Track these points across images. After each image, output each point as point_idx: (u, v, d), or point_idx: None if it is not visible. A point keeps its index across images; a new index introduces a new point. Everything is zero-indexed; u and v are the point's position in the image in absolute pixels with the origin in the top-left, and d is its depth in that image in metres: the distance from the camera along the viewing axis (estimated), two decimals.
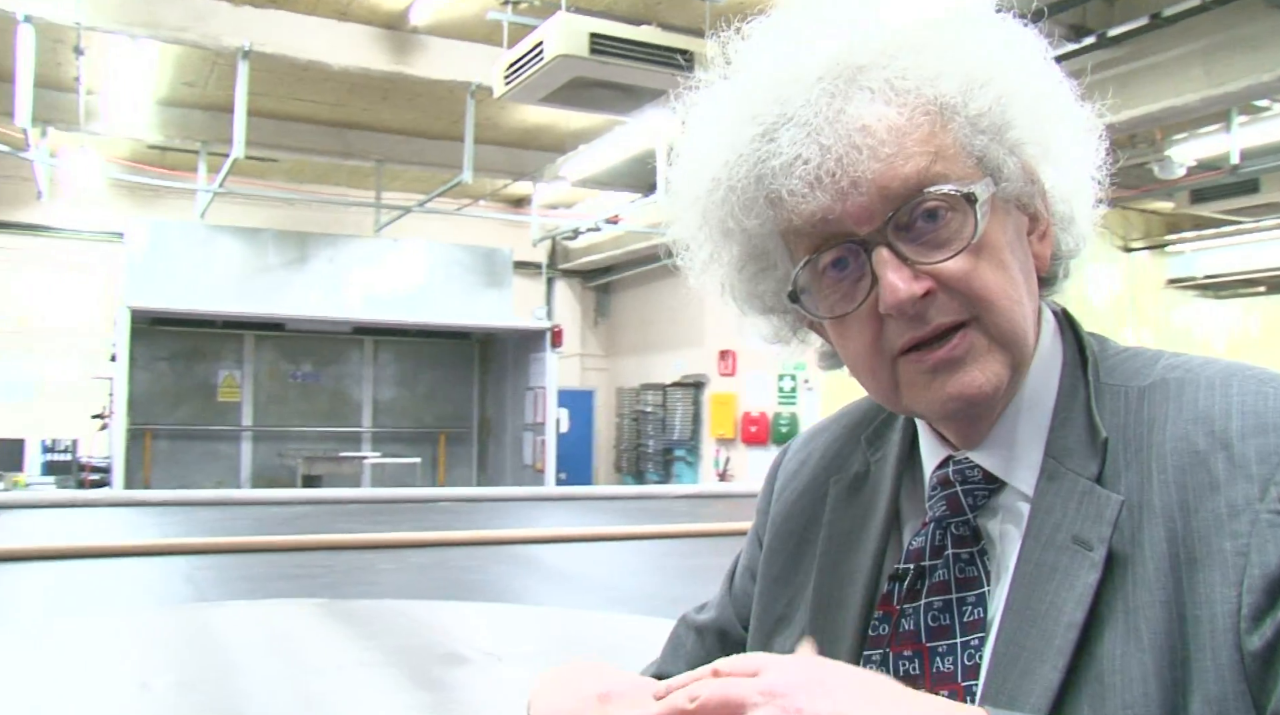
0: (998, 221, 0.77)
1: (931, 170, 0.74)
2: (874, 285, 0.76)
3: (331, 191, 12.82)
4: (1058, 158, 0.81)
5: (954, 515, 0.82)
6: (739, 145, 0.77)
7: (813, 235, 0.77)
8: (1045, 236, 0.83)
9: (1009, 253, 0.78)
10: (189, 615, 3.76)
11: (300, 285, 11.26)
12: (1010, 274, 0.77)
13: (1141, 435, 0.76)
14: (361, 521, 6.31)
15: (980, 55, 0.77)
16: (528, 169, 11.84)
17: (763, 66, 0.79)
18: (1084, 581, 0.72)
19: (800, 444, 1.03)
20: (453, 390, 13.62)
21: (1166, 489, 0.72)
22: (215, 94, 9.86)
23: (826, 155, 0.74)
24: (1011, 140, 0.77)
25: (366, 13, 7.99)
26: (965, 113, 0.76)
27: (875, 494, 0.90)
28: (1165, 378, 0.79)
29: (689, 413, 13.44)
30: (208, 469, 11.96)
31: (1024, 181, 0.79)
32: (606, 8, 7.66)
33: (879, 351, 0.78)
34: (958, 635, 0.78)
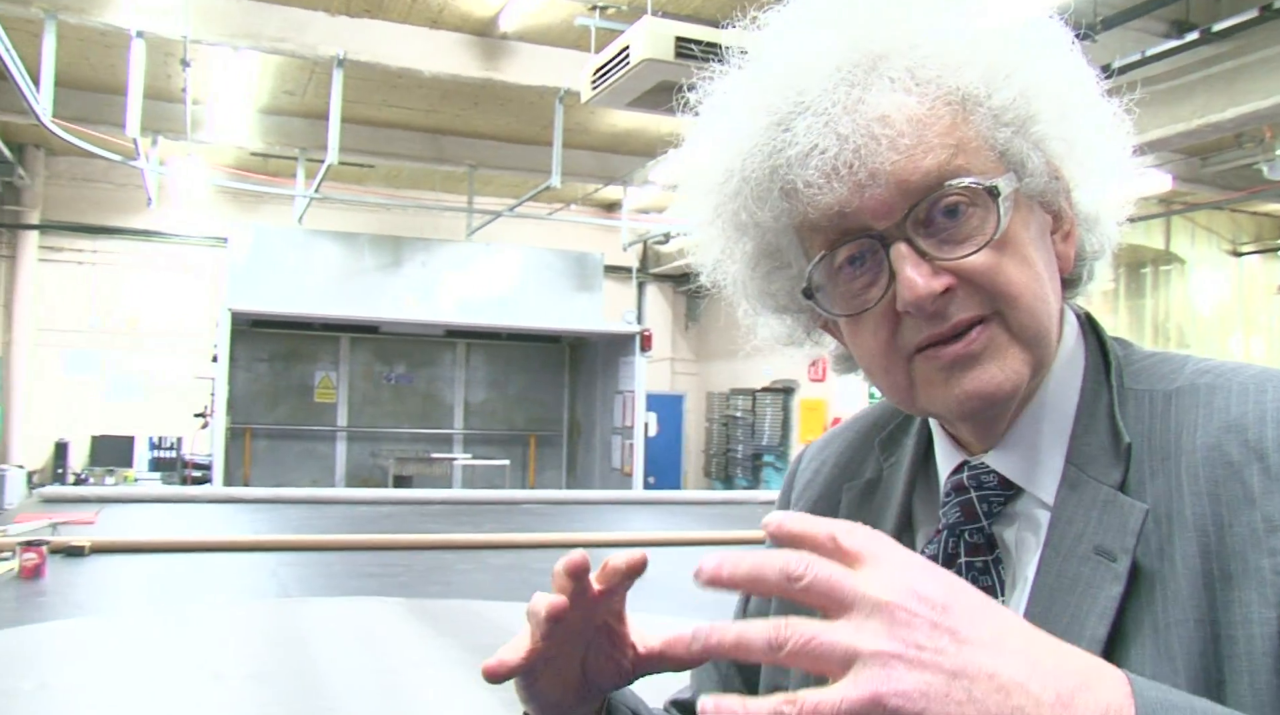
0: (1020, 217, 0.74)
1: (953, 164, 0.71)
2: (891, 282, 0.72)
3: (426, 196, 13.05)
4: (1083, 154, 0.77)
5: (968, 522, 0.78)
6: (753, 135, 0.74)
7: (829, 230, 0.74)
8: (1069, 236, 0.79)
9: (1032, 249, 0.75)
10: (268, 610, 3.85)
11: (394, 289, 11.48)
12: (1034, 270, 0.74)
13: (1169, 442, 0.72)
14: (445, 522, 6.39)
15: (1005, 45, 0.74)
16: (618, 174, 11.88)
17: (778, 54, 0.77)
18: (1107, 594, 0.68)
19: (813, 453, 0.99)
20: (543, 393, 13.74)
21: (1199, 500, 0.68)
22: (314, 102, 10.12)
23: (844, 145, 0.71)
24: (1036, 134, 0.74)
25: (457, 20, 8.11)
26: (988, 104, 0.73)
27: (888, 499, 0.87)
28: (1194, 383, 0.75)
29: (778, 418, 13.33)
30: (304, 468, 12.26)
31: (1048, 178, 0.75)
32: (694, 11, 7.65)
33: (894, 349, 0.75)
34: None
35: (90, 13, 7.44)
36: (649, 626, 0.84)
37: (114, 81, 9.08)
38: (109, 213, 12.78)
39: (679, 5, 7.59)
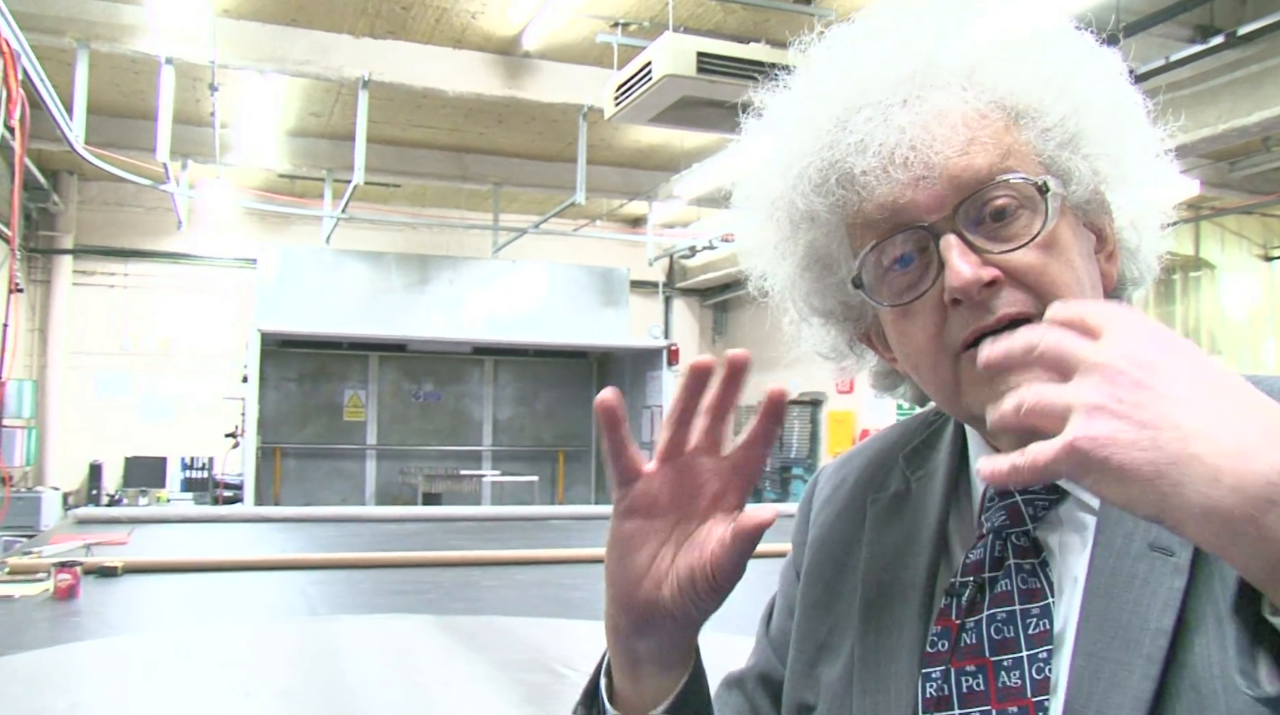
0: (1067, 226, 0.77)
1: (1003, 164, 0.75)
2: (939, 273, 0.75)
3: (451, 215, 13.15)
4: (1127, 179, 0.80)
5: (1014, 526, 0.79)
6: (814, 131, 0.79)
7: (880, 224, 0.77)
8: (1112, 257, 0.82)
9: (1078, 257, 0.77)
10: (297, 628, 3.88)
11: (421, 307, 11.55)
12: (1079, 276, 0.76)
13: None
14: (472, 539, 6.41)
15: (1058, 67, 0.78)
16: (642, 189, 11.92)
17: (840, 61, 0.81)
18: (1169, 586, 0.69)
19: (834, 469, 1.01)
20: (571, 409, 13.76)
21: None
22: (340, 123, 10.23)
23: (901, 137, 0.74)
24: (1082, 152, 0.77)
25: (480, 40, 8.18)
26: (1040, 121, 0.77)
27: (920, 511, 0.88)
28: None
29: (806, 430, 13.31)
30: (334, 486, 12.34)
31: (1092, 192, 0.78)
32: (715, 26, 7.68)
33: (941, 346, 0.77)
34: (1023, 648, 0.75)
35: (121, 41, 7.56)
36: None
37: (144, 107, 9.22)
38: (140, 236, 12.96)
39: (700, 21, 7.62)
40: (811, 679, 0.89)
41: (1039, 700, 0.73)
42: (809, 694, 0.89)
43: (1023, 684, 0.74)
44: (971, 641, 0.78)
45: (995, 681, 0.76)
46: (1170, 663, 0.67)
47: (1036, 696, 0.74)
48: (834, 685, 0.87)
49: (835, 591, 0.91)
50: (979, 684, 0.76)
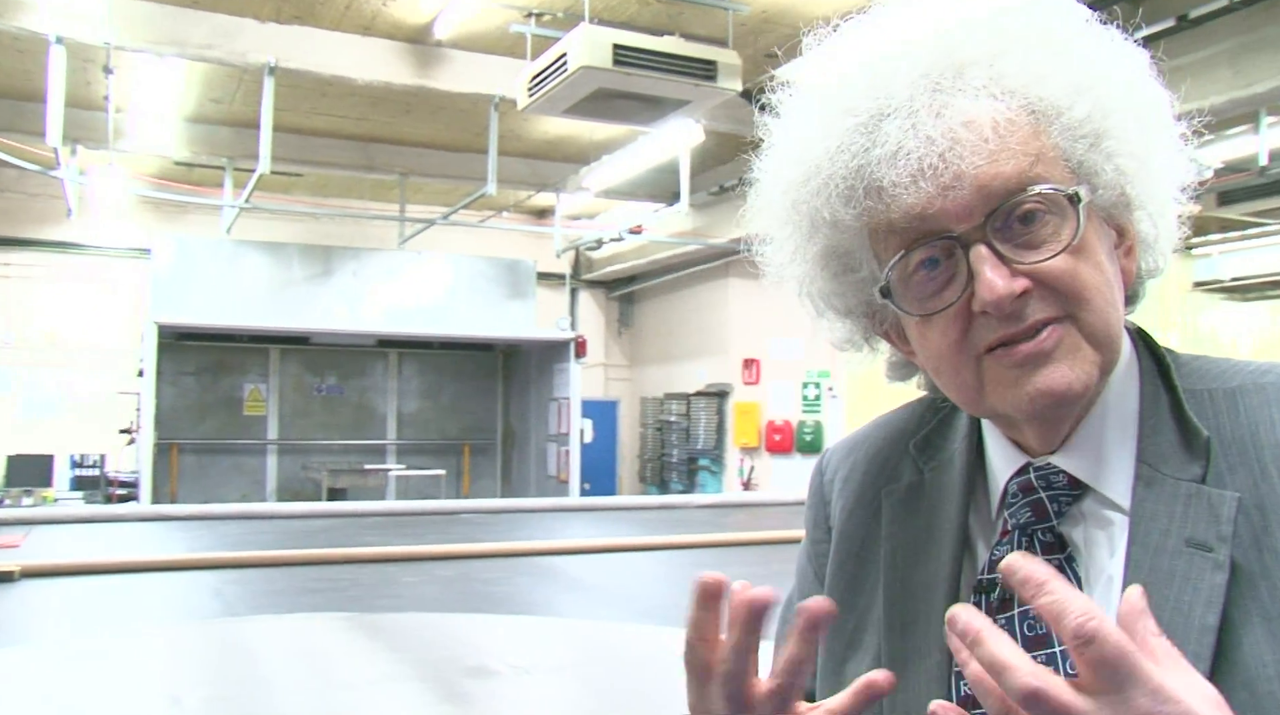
0: (1093, 228, 0.77)
1: (1032, 171, 0.74)
2: (969, 283, 0.74)
3: (355, 205, 12.90)
4: (1150, 174, 0.79)
5: (1039, 522, 0.80)
6: (839, 135, 0.77)
7: (907, 231, 0.76)
8: (1130, 252, 0.81)
9: (1104, 257, 0.77)
10: (218, 630, 3.78)
11: (324, 299, 11.32)
12: (1106, 276, 0.76)
13: (1244, 437, 0.75)
14: (385, 534, 6.32)
15: (1084, 61, 0.77)
16: (550, 180, 11.87)
17: (862, 58, 0.79)
18: (1210, 583, 0.70)
19: (840, 458, 0.99)
20: (476, 402, 13.65)
21: (1267, 485, 0.71)
22: (241, 110, 9.94)
23: (930, 148, 0.73)
24: (1107, 150, 0.76)
25: (390, 27, 8.04)
26: (1066, 117, 0.75)
27: (938, 504, 0.88)
28: (1259, 382, 0.78)
29: (713, 422, 13.41)
30: (233, 482, 12.02)
31: (1117, 193, 0.78)
32: (629, 19, 7.68)
33: (964, 349, 0.77)
34: (1056, 644, 0.75)
35: (6, 16, 7.22)
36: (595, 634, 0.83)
37: (29, 88, 8.83)
38: (24, 224, 12.39)
39: (614, 13, 7.61)
40: (840, 676, 0.88)
41: None
42: (838, 691, 0.89)
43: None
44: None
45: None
46: (1218, 660, 0.68)
47: None
48: None
49: (858, 587, 0.90)
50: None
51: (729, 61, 6.91)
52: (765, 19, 7.78)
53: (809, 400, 12.88)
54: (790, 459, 12.81)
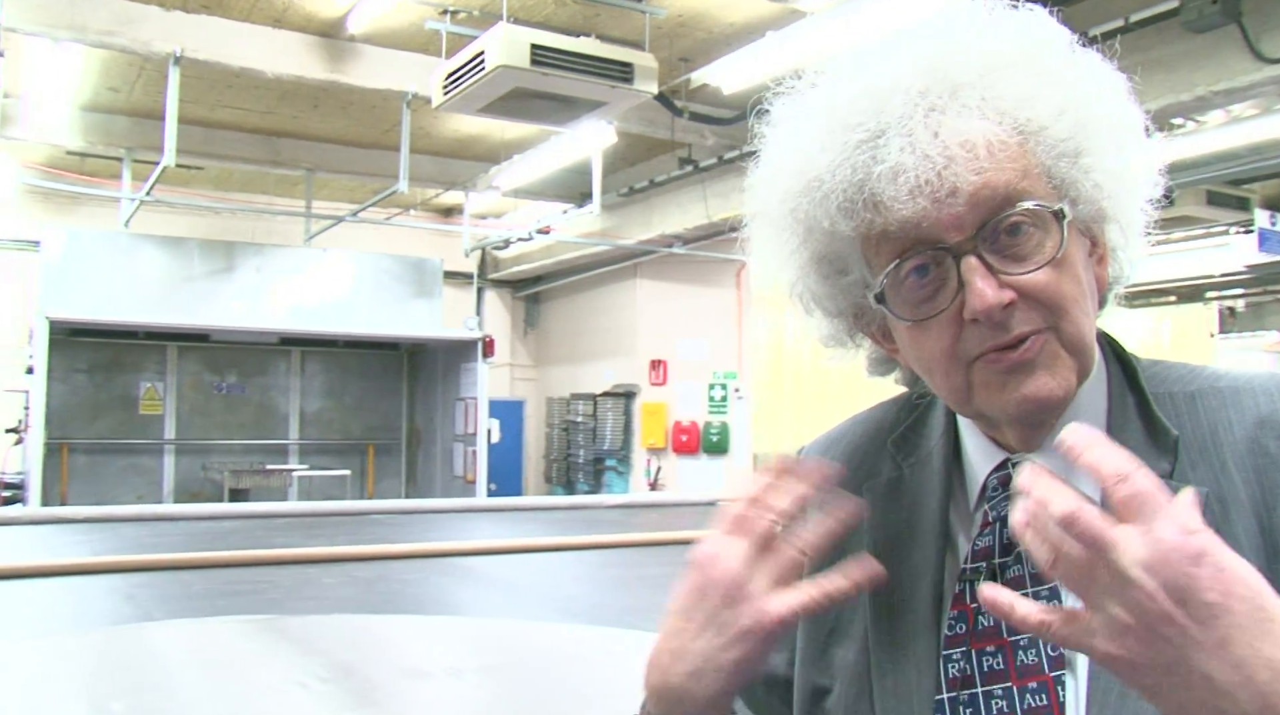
0: (1073, 240, 0.82)
1: (1019, 186, 0.79)
2: (959, 291, 0.79)
3: (259, 200, 12.60)
4: (1122, 188, 0.85)
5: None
6: (841, 151, 0.81)
7: (900, 240, 0.80)
8: (1103, 261, 0.87)
9: (1081, 269, 0.82)
10: (137, 635, 3.68)
11: (226, 295, 11.05)
12: (1082, 287, 0.82)
13: (1204, 436, 0.82)
14: (297, 535, 6.21)
15: (1066, 82, 0.82)
16: (460, 179, 11.78)
17: (862, 74, 0.83)
18: None
19: (817, 453, 1.03)
20: (381, 401, 13.47)
21: (1250, 486, 0.78)
22: (141, 100, 9.64)
23: (928, 165, 0.77)
24: (1085, 166, 0.82)
25: (302, 20, 7.89)
26: (1050, 136, 0.80)
27: (919, 497, 0.92)
28: (1215, 386, 0.85)
29: (620, 422, 13.47)
30: (128, 483, 11.64)
31: (1093, 208, 0.83)
32: (545, 19, 7.68)
33: (955, 355, 0.82)
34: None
35: None
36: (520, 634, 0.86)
37: None
38: None
39: (531, 13, 7.61)
40: (825, 662, 0.93)
41: (1056, 675, 0.79)
42: (823, 677, 0.93)
43: (1040, 661, 0.80)
44: (989, 624, 0.83)
45: (1014, 660, 0.81)
46: None
47: (1054, 671, 0.80)
48: (850, 666, 0.91)
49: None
50: (999, 663, 0.82)
51: (645, 64, 6.97)
52: (681, 23, 7.86)
53: (715, 401, 13.03)
54: (696, 459, 12.95)
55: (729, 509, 0.82)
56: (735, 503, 0.82)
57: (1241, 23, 6.05)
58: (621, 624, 3.97)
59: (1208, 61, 6.33)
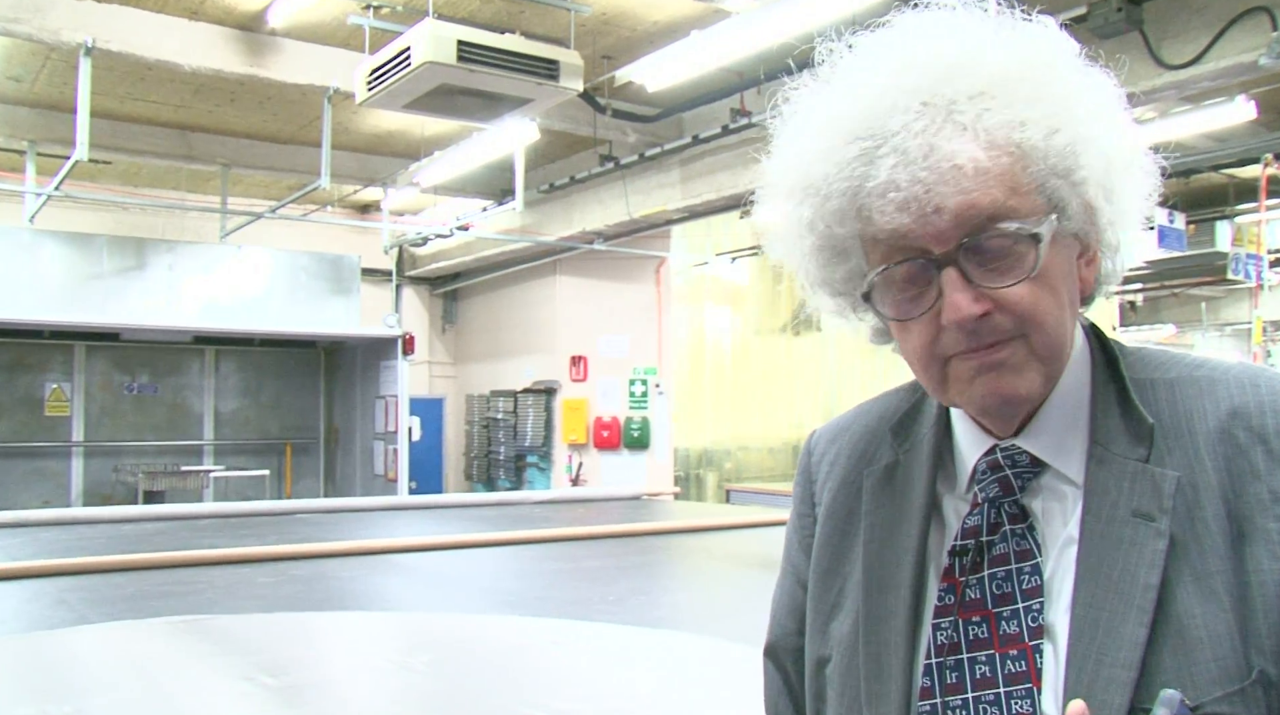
0: (1055, 251, 0.87)
1: (1006, 204, 0.83)
2: (939, 298, 0.86)
3: (171, 196, 12.30)
4: (1114, 196, 0.89)
5: (1005, 495, 0.92)
6: (838, 163, 0.86)
7: (889, 245, 0.87)
8: (1092, 262, 0.92)
9: (1060, 280, 0.88)
10: (74, 639, 3.61)
11: (136, 293, 10.75)
12: (1059, 299, 0.87)
13: (1180, 423, 0.88)
14: (224, 536, 6.12)
15: (1060, 101, 0.86)
16: (379, 175, 11.66)
17: (865, 88, 0.87)
18: (1152, 548, 0.83)
19: (825, 444, 1.11)
20: (298, 400, 13.25)
21: (1219, 472, 0.84)
22: (46, 91, 9.34)
23: (916, 184, 0.83)
24: (1078, 179, 0.86)
25: (220, 13, 7.73)
26: (1042, 156, 0.85)
27: (909, 481, 0.99)
28: (1193, 375, 0.91)
29: (541, 419, 13.46)
30: (33, 488, 11.26)
31: (1084, 217, 0.88)
32: (470, 15, 7.66)
33: (933, 352, 0.89)
34: (1019, 601, 0.88)
35: None
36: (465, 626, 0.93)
37: None
38: None
39: (454, 9, 7.59)
40: (826, 635, 1.01)
41: (1035, 644, 0.86)
42: (825, 649, 1.01)
43: (1020, 630, 0.87)
44: (975, 596, 0.90)
45: (997, 630, 0.88)
46: (1158, 613, 0.81)
47: (1033, 641, 0.86)
48: (844, 639, 0.99)
49: (842, 557, 1.02)
50: (983, 632, 0.89)
51: (571, 61, 7.01)
52: (605, 20, 7.91)
53: (636, 397, 13.12)
54: (618, 454, 13.02)
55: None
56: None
57: (1144, 30, 6.33)
58: (563, 615, 4.03)
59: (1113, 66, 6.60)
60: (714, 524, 6.96)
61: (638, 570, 5.41)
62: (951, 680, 0.89)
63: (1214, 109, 8.00)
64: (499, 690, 3.08)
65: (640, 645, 3.57)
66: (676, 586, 5.33)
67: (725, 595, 4.91)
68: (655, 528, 6.74)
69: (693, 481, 14.03)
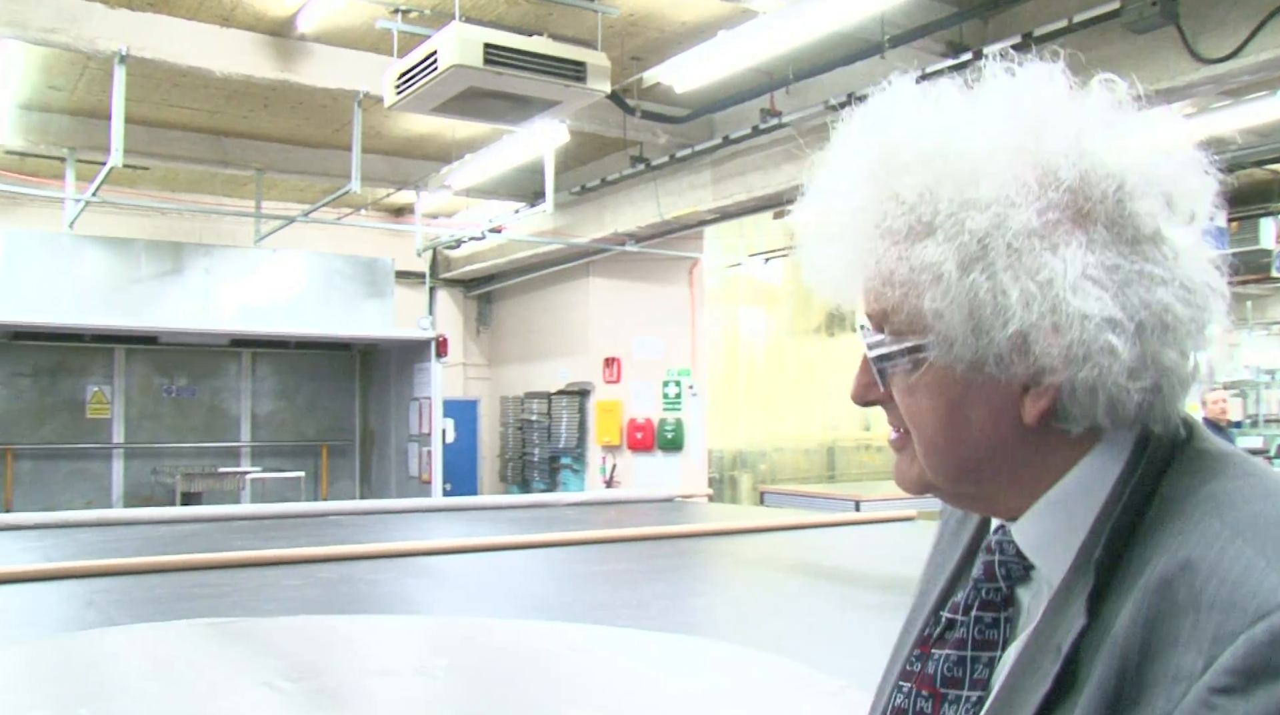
0: (934, 377, 0.81)
1: (877, 309, 0.84)
2: None
3: (207, 201, 12.45)
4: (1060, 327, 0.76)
5: (988, 581, 0.88)
6: (802, 233, 0.89)
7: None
8: (1049, 393, 0.78)
9: (950, 402, 0.81)
10: (101, 640, 3.65)
11: (174, 297, 10.90)
12: (941, 419, 0.82)
13: (1145, 557, 0.75)
14: (255, 538, 6.17)
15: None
16: (411, 178, 11.72)
17: (829, 168, 0.88)
18: (1040, 690, 0.77)
19: None
20: (334, 402, 13.37)
21: (1135, 628, 0.72)
22: (84, 99, 9.48)
23: (835, 274, 0.86)
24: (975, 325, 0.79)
25: (251, 19, 7.81)
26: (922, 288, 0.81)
27: (965, 531, 0.99)
28: (1200, 506, 0.75)
29: (574, 420, 13.49)
30: (76, 489, 11.46)
31: (975, 355, 0.78)
32: (497, 18, 7.68)
33: None
34: (965, 688, 0.86)
35: None
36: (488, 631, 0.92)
37: None
38: None
39: (482, 11, 7.61)
40: (896, 657, 1.01)
41: None
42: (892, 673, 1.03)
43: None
44: (931, 671, 0.89)
45: (939, 711, 0.87)
46: None
47: None
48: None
49: (923, 594, 1.04)
50: (928, 708, 0.88)
51: (599, 63, 7.00)
52: (633, 22, 7.90)
53: (670, 398, 13.09)
54: (652, 456, 13.00)
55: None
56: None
57: (1179, 24, 6.21)
58: (587, 620, 4.01)
59: (1148, 61, 6.49)
60: (746, 527, 6.91)
61: (664, 574, 5.38)
62: None
63: (1255, 103, 7.85)
64: (510, 696, 3.07)
65: (656, 651, 3.55)
66: (701, 591, 5.29)
67: (752, 600, 4.86)
68: (686, 530, 6.71)
69: (727, 483, 13.98)
